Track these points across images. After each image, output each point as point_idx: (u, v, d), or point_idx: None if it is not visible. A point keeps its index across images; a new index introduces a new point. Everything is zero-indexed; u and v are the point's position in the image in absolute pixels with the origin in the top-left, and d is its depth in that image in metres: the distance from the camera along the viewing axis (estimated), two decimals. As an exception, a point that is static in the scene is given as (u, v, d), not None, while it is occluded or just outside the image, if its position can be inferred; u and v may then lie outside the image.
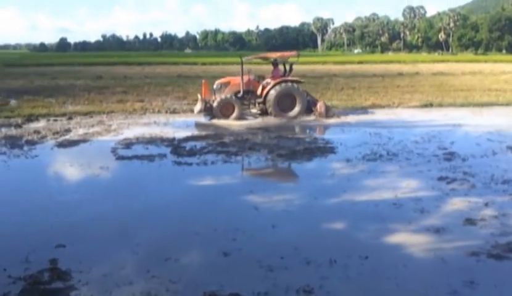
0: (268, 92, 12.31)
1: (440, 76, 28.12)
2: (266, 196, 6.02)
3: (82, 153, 8.72)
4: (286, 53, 13.97)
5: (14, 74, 28.30)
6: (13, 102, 15.70)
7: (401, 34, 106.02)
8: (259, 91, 12.54)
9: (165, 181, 6.98)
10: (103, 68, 35.26)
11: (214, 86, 12.82)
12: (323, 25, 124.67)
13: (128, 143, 9.29)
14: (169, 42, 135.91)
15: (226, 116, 12.00)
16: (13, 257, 4.23)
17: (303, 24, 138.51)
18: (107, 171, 7.42)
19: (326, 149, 8.71)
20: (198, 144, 9.19)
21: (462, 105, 14.97)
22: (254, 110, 13.06)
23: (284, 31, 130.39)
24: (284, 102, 12.32)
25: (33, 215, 5.43)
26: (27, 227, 5.07)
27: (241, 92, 12.41)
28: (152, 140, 9.63)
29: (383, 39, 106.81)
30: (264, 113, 12.61)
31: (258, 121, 12.01)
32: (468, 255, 4.29)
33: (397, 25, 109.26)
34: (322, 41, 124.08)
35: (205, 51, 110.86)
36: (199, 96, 12.62)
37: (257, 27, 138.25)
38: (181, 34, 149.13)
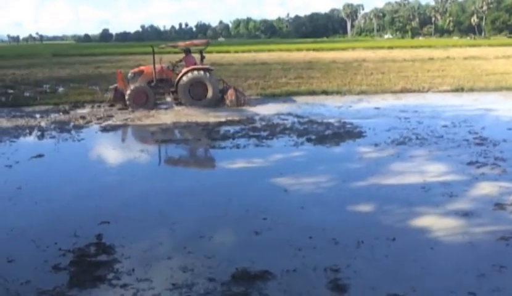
0: (178, 81, 12.10)
1: (471, 60, 27.04)
2: (295, 178, 6.18)
3: (124, 137, 9.23)
4: (196, 41, 14.31)
5: (61, 64, 29.87)
6: (60, 90, 16.81)
7: (432, 19, 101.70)
8: (177, 79, 12.28)
9: (200, 164, 7.30)
10: (142, 57, 35.99)
11: (128, 75, 12.77)
12: (353, 11, 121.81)
13: (165, 128, 9.71)
14: (203, 32, 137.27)
15: (140, 104, 11.94)
16: (63, 232, 4.62)
17: (333, 10, 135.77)
18: (147, 154, 7.88)
19: (354, 134, 8.74)
20: (231, 129, 9.45)
21: (494, 90, 14.48)
22: (169, 99, 12.97)
23: (314, 17, 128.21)
24: (197, 90, 12.11)
25: (80, 194, 5.83)
26: (75, 205, 5.47)
27: (154, 81, 12.31)
28: (187, 125, 10.05)
29: (413, 24, 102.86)
30: (179, 102, 12.33)
31: (287, 106, 12.09)
32: (497, 239, 4.26)
33: (428, 9, 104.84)
34: (352, 26, 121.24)
35: (236, 39, 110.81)
36: (112, 86, 12.63)
37: (287, 14, 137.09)
38: (214, 23, 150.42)
